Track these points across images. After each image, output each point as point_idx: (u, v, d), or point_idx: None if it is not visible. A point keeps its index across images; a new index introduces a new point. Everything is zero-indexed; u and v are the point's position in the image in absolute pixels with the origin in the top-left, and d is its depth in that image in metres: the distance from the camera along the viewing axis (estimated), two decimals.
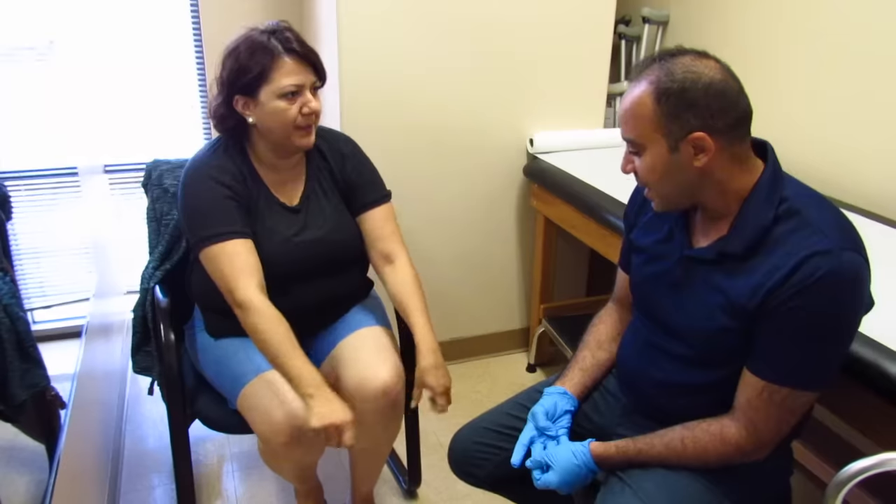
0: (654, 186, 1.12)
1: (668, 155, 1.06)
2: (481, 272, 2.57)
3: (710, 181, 1.08)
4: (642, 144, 1.09)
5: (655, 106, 1.04)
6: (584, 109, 2.48)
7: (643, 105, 1.06)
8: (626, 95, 1.10)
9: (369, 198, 1.67)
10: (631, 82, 1.10)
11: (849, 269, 1.00)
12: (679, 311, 1.18)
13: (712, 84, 1.02)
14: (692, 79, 1.02)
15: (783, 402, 1.07)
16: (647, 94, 1.05)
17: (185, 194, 1.51)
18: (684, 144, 1.04)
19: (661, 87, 1.04)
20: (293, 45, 1.45)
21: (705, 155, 1.05)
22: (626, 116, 1.10)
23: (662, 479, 1.16)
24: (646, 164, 1.10)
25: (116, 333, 2.44)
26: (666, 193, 1.12)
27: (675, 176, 1.08)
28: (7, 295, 1.08)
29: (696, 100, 1.02)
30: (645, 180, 1.13)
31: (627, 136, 1.11)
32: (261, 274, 1.46)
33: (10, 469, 1.13)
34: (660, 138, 1.06)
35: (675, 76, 1.03)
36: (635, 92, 1.07)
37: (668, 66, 1.04)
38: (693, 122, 1.03)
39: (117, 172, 2.82)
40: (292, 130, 1.48)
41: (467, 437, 1.41)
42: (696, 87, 1.02)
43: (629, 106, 1.09)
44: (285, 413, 1.42)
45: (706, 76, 1.02)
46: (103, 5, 2.59)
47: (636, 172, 1.13)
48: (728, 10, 2.33)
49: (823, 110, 2.01)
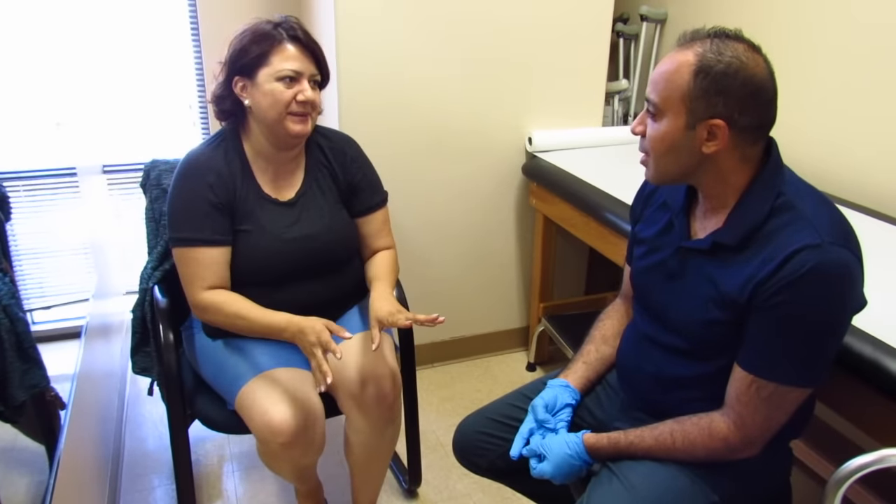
0: (655, 156, 1.11)
1: (683, 130, 1.05)
2: (481, 271, 2.57)
3: (712, 169, 1.08)
4: (663, 110, 1.07)
5: (692, 78, 1.03)
6: (582, 108, 2.48)
7: (680, 73, 1.04)
8: (668, 58, 1.07)
9: (371, 202, 1.68)
10: (678, 47, 1.07)
11: (837, 264, 0.99)
12: (673, 303, 1.18)
13: (752, 80, 1.02)
14: (737, 67, 1.01)
15: (770, 398, 1.07)
16: (687, 65, 1.03)
17: (172, 189, 1.55)
18: (701, 126, 1.04)
19: (705, 62, 1.02)
20: (297, 33, 1.50)
21: (716, 144, 1.04)
22: (659, 78, 1.07)
23: (650, 472, 1.16)
24: (658, 132, 1.08)
25: (116, 334, 2.43)
26: (663, 166, 1.11)
27: (679, 153, 1.07)
28: (6, 296, 1.08)
29: (730, 88, 1.01)
30: (650, 146, 1.11)
31: (653, 98, 1.09)
32: (221, 280, 1.52)
33: (9, 470, 1.13)
34: (682, 111, 1.05)
35: (723, 58, 1.01)
36: (678, 58, 1.05)
37: (720, 46, 1.02)
38: (720, 108, 1.02)
39: (116, 173, 2.82)
40: (285, 115, 1.49)
41: (471, 426, 1.42)
42: (737, 76, 1.01)
43: (667, 69, 1.06)
44: (283, 413, 1.42)
45: (750, 70, 1.01)
46: (102, 4, 2.59)
47: (643, 135, 1.12)
48: (726, 7, 2.33)
49: (822, 107, 2.01)
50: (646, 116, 1.12)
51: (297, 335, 1.44)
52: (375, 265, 1.68)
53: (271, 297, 1.55)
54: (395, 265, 1.70)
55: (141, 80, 2.75)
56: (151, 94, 2.79)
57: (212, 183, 1.51)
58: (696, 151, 1.06)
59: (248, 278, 1.55)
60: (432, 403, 2.39)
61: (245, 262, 1.54)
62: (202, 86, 2.71)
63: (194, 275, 1.51)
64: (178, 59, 2.70)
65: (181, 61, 2.70)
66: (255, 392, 1.47)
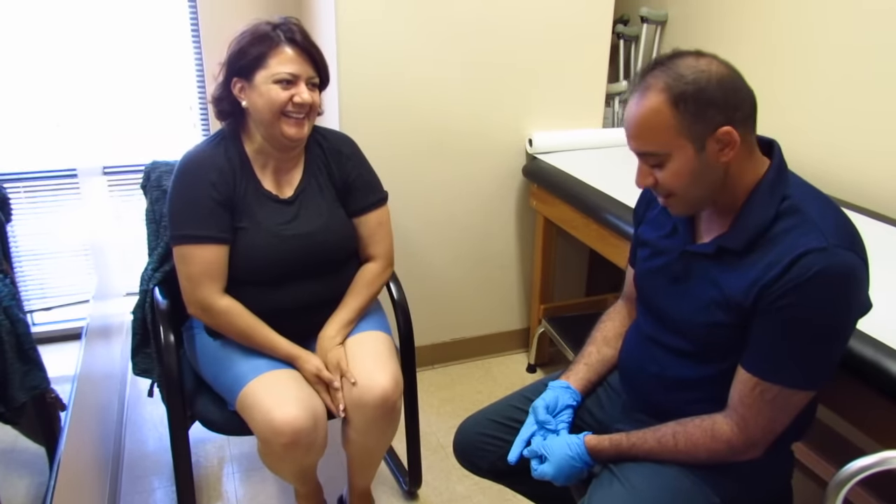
0: (681, 192, 1.09)
1: (696, 157, 1.04)
2: (481, 273, 2.57)
3: (729, 173, 1.07)
4: (666, 154, 1.06)
5: (675, 112, 1.02)
6: (583, 109, 2.48)
7: (660, 114, 1.03)
8: (635, 109, 1.06)
9: (368, 200, 1.68)
10: (634, 95, 1.07)
11: (842, 267, 0.99)
12: (677, 306, 1.18)
13: (724, 78, 1.02)
14: (705, 77, 1.01)
15: (774, 401, 1.06)
16: (662, 103, 1.03)
17: (173, 187, 1.54)
18: (710, 142, 1.04)
19: (676, 91, 1.02)
20: (295, 36, 1.50)
21: (731, 148, 1.04)
22: (640, 130, 1.06)
23: (652, 473, 1.16)
24: (672, 173, 1.07)
25: (116, 335, 2.43)
26: (693, 197, 1.09)
27: (703, 176, 1.06)
28: (7, 297, 1.08)
29: (714, 96, 1.01)
30: (671, 188, 1.09)
31: (645, 150, 1.07)
32: (225, 279, 1.53)
33: (10, 471, 1.13)
34: (685, 143, 1.04)
35: (687, 78, 1.02)
36: (646, 104, 1.04)
37: (675, 71, 1.03)
38: (717, 118, 1.02)
39: (116, 174, 2.82)
40: (280, 117, 1.49)
41: (472, 427, 1.42)
42: (711, 83, 1.01)
43: (643, 119, 1.05)
44: (284, 414, 1.42)
45: (713, 71, 1.02)
46: (102, 6, 2.59)
47: (656, 183, 1.10)
48: (727, 9, 2.33)
49: (824, 108, 2.01)
50: (646, 168, 1.10)
51: (296, 364, 1.56)
52: (355, 279, 1.69)
53: (269, 297, 1.55)
54: (372, 282, 1.69)
55: (141, 82, 2.75)
56: (152, 96, 2.79)
57: (214, 181, 1.51)
58: (716, 166, 1.06)
59: (245, 277, 1.55)
60: (433, 405, 2.39)
61: (242, 260, 1.54)
62: (202, 87, 2.71)
63: (202, 273, 1.50)
64: (178, 60, 2.70)
65: (181, 62, 2.70)
66: (257, 392, 1.47)
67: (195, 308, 1.54)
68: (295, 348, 1.56)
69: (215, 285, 1.51)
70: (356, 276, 1.69)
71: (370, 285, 1.69)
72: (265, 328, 1.55)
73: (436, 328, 2.57)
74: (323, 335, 1.60)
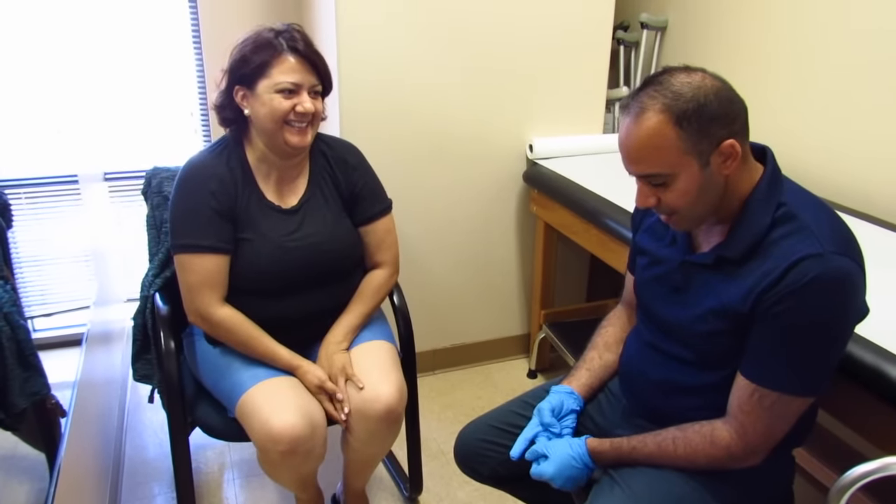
0: (687, 209, 1.08)
1: (701, 173, 1.04)
2: (481, 278, 2.57)
3: (727, 185, 1.08)
4: (671, 174, 1.05)
5: (678, 131, 1.02)
6: (583, 115, 2.48)
7: (663, 135, 1.02)
8: (633, 132, 1.05)
9: (374, 209, 1.68)
10: (629, 117, 1.05)
11: (838, 273, 0.99)
12: (677, 314, 1.18)
13: (719, 91, 1.03)
14: (703, 93, 1.01)
15: (772, 407, 1.06)
16: (663, 123, 1.02)
17: (174, 196, 1.54)
18: (714, 157, 1.04)
19: (677, 111, 1.01)
20: (297, 44, 1.49)
21: (733, 160, 1.05)
22: (643, 153, 1.05)
23: (652, 479, 1.16)
24: (678, 192, 1.06)
25: (117, 341, 2.43)
26: (698, 212, 1.09)
27: (708, 191, 1.06)
28: (7, 303, 1.08)
29: (715, 111, 1.01)
30: (676, 207, 1.08)
31: (649, 172, 1.06)
32: (225, 288, 1.54)
33: (10, 478, 1.12)
34: (690, 160, 1.03)
35: (686, 96, 1.01)
36: (646, 125, 1.03)
37: (670, 90, 1.02)
38: (721, 132, 1.02)
39: (117, 180, 2.83)
40: (283, 125, 1.49)
41: (473, 433, 1.42)
42: (710, 98, 1.01)
43: (645, 142, 1.04)
44: (282, 421, 1.41)
45: (709, 86, 1.02)
46: (104, 12, 2.60)
47: (659, 203, 1.09)
48: (726, 15, 2.33)
49: (820, 113, 2.01)
50: (648, 189, 1.09)
51: (297, 374, 1.55)
52: (362, 285, 1.69)
53: (272, 307, 1.55)
54: (380, 289, 1.70)
55: (142, 88, 2.75)
56: (153, 102, 2.80)
57: (214, 190, 1.51)
58: (719, 179, 1.06)
59: (248, 287, 1.54)
60: (433, 411, 2.39)
61: (246, 271, 1.54)
62: (203, 93, 2.72)
63: (201, 283, 1.50)
64: (179, 66, 2.71)
65: (182, 69, 2.70)
66: (256, 400, 1.46)
67: (194, 317, 1.54)
68: (296, 358, 1.55)
69: (214, 294, 1.51)
70: (363, 283, 1.69)
71: (378, 292, 1.69)
72: (265, 338, 1.54)
73: (436, 334, 2.57)
74: (328, 340, 1.60)
